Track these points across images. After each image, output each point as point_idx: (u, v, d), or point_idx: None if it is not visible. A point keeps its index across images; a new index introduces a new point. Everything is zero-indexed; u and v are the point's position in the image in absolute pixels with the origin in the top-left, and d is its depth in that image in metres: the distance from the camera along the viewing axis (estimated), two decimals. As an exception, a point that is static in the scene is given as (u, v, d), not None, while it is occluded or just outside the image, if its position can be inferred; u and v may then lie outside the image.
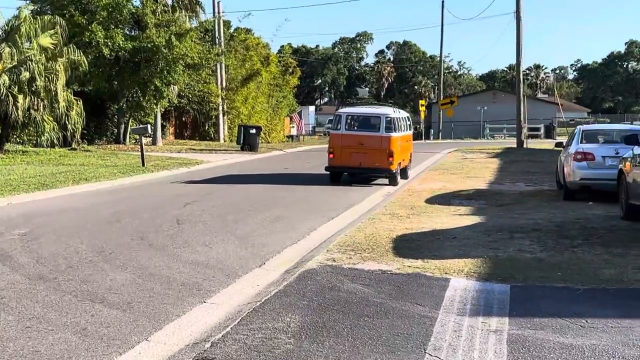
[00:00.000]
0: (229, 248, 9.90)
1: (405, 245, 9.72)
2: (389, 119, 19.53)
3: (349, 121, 19.85)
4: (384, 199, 16.12)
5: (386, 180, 19.85)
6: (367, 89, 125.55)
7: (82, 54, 27.93)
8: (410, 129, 22.75)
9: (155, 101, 33.24)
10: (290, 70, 56.01)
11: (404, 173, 21.11)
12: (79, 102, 27.35)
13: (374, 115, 20.07)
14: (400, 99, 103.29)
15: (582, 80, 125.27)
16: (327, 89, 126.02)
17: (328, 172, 20.09)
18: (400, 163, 20.08)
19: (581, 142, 15.46)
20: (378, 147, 19.15)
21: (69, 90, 27.53)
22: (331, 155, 19.63)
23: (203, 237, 10.72)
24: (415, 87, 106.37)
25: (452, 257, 8.86)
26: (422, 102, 61.30)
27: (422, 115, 57.60)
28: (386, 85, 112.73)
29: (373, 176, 20.48)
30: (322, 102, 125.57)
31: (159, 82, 31.98)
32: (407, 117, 22.57)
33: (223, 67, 42.96)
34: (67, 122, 26.66)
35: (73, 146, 29.57)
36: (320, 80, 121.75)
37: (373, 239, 10.19)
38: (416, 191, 17.29)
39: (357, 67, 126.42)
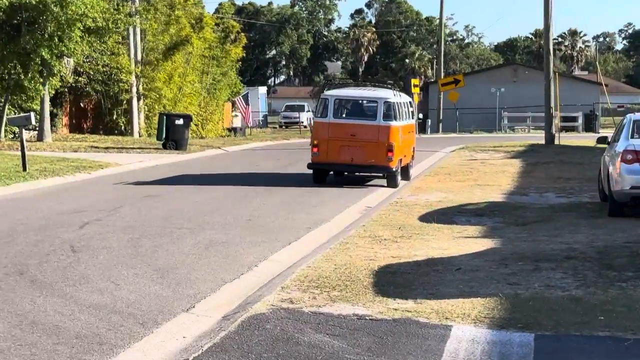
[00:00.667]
0: (143, 285, 9.83)
1: (391, 280, 9.74)
2: (388, 104, 20.78)
3: (337, 106, 21.08)
4: (362, 216, 16.19)
5: (383, 182, 20.93)
6: (339, 62, 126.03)
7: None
8: (412, 117, 24.01)
9: (41, 80, 32.92)
10: (233, 37, 55.88)
11: (405, 172, 22.32)
12: None
13: (370, 99, 21.41)
14: (386, 76, 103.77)
15: (634, 51, 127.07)
16: (284, 63, 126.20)
17: (308, 172, 21.17)
18: (401, 160, 21.25)
19: (632, 137, 15.63)
20: (374, 140, 20.41)
21: None
22: (315, 150, 20.82)
23: (108, 270, 10.62)
24: (406, 60, 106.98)
25: (455, 296, 8.90)
26: (415, 81, 61.47)
27: (416, 99, 57.86)
28: (366, 58, 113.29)
29: (367, 176, 21.60)
30: (277, 81, 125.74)
31: (48, 54, 31.67)
32: (410, 102, 23.95)
33: (138, 32, 42.74)
34: None
35: None
36: (274, 52, 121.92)
37: (346, 272, 10.19)
38: (406, 204, 17.37)
39: (326, 33, 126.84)
